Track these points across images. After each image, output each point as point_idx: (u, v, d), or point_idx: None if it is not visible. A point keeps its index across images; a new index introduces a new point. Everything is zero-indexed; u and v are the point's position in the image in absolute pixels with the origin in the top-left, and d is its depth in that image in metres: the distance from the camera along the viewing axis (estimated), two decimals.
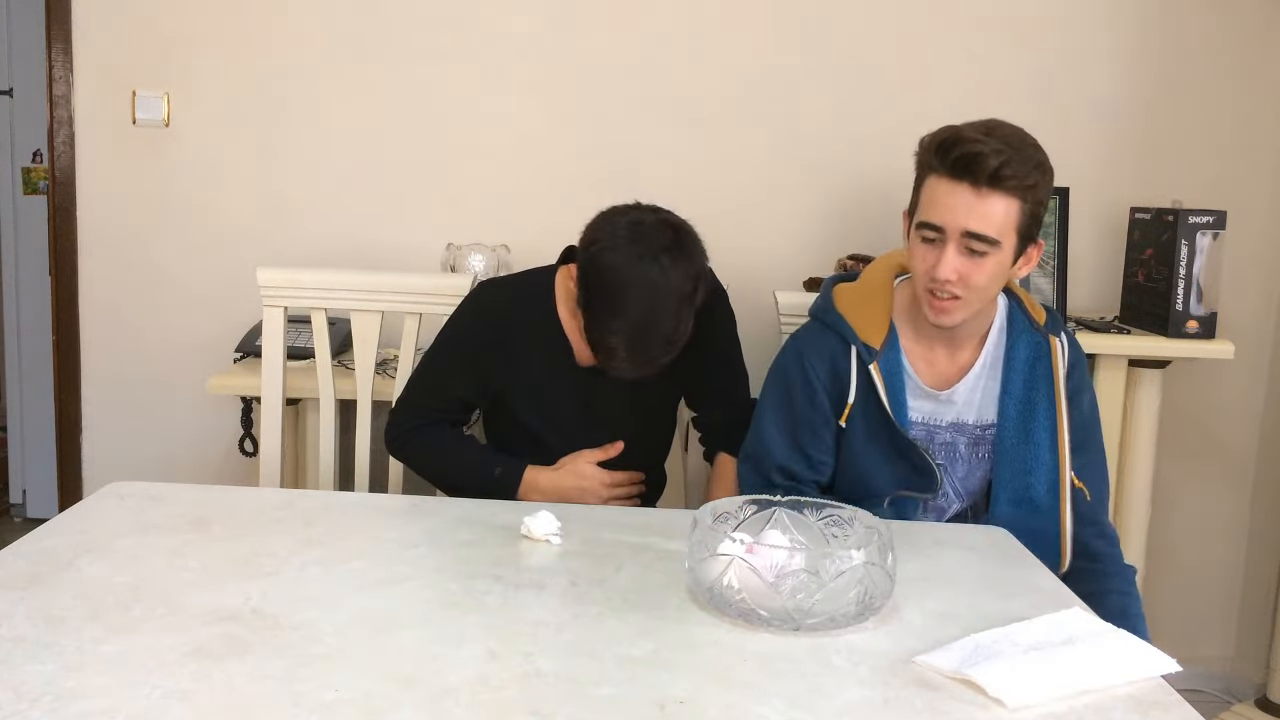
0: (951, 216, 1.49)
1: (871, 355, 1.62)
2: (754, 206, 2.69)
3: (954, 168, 1.48)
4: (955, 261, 1.50)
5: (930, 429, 1.65)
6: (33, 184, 3.83)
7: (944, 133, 1.52)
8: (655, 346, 1.63)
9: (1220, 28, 2.66)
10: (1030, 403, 1.64)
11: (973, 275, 1.51)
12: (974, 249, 1.50)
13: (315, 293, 1.99)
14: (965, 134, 1.49)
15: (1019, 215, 1.50)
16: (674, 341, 1.65)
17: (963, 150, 1.47)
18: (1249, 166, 2.71)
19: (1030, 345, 1.65)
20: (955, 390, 1.65)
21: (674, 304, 1.61)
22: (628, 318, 1.60)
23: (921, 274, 1.55)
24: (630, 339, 1.61)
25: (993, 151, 1.46)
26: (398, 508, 1.62)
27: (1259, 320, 2.76)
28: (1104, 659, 1.12)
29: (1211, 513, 2.83)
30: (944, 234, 1.50)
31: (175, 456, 2.74)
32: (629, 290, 1.60)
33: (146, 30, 2.66)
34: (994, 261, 1.51)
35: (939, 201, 1.51)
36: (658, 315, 1.61)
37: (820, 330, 1.69)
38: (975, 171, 1.47)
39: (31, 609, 1.16)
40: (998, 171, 1.46)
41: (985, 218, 1.48)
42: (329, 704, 0.99)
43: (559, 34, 2.65)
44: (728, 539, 1.21)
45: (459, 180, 2.70)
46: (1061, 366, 1.65)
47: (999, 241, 1.50)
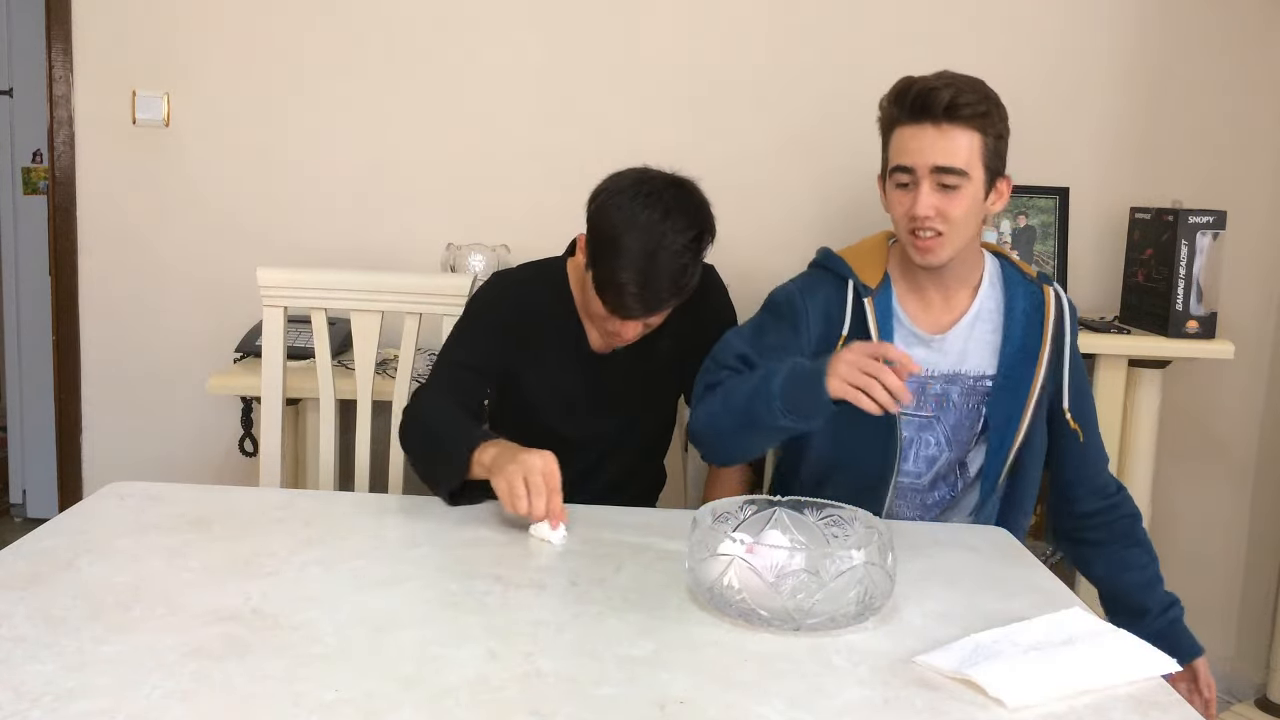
0: (920, 156, 1.58)
1: (868, 291, 1.67)
2: (754, 204, 2.69)
3: (912, 110, 1.58)
4: (930, 198, 1.58)
5: (922, 381, 1.67)
6: (33, 184, 3.83)
7: (898, 84, 1.63)
8: (662, 281, 1.64)
9: (1220, 28, 2.66)
10: (1026, 351, 1.68)
11: (949, 209, 1.58)
12: (945, 183, 1.57)
13: (315, 293, 1.99)
14: (916, 79, 1.60)
15: (981, 147, 1.59)
16: (681, 282, 1.66)
17: (915, 90, 1.58)
18: (1249, 166, 2.71)
19: (1026, 295, 1.71)
20: (948, 337, 1.68)
21: (679, 241, 1.64)
22: (633, 253, 1.63)
23: (901, 218, 1.62)
24: (638, 273, 1.63)
25: (943, 85, 1.57)
26: (398, 508, 1.62)
27: (1259, 320, 2.76)
28: (1104, 659, 1.12)
29: (1211, 513, 2.83)
30: (915, 174, 1.58)
31: (175, 456, 2.74)
32: (634, 228, 1.64)
33: (146, 30, 2.66)
34: (967, 194, 1.58)
35: (905, 146, 1.59)
36: (663, 250, 1.63)
37: (818, 273, 1.75)
38: (931, 108, 1.56)
39: (31, 609, 1.16)
40: (952, 102, 1.56)
41: (950, 151, 1.57)
42: (329, 704, 0.99)
43: (558, 34, 2.65)
44: (728, 539, 1.21)
45: (459, 180, 2.70)
46: (1054, 312, 1.69)
47: (967, 172, 1.58)
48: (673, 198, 1.67)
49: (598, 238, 1.68)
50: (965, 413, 1.69)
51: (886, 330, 1.66)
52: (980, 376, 1.69)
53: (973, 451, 1.72)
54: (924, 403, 1.68)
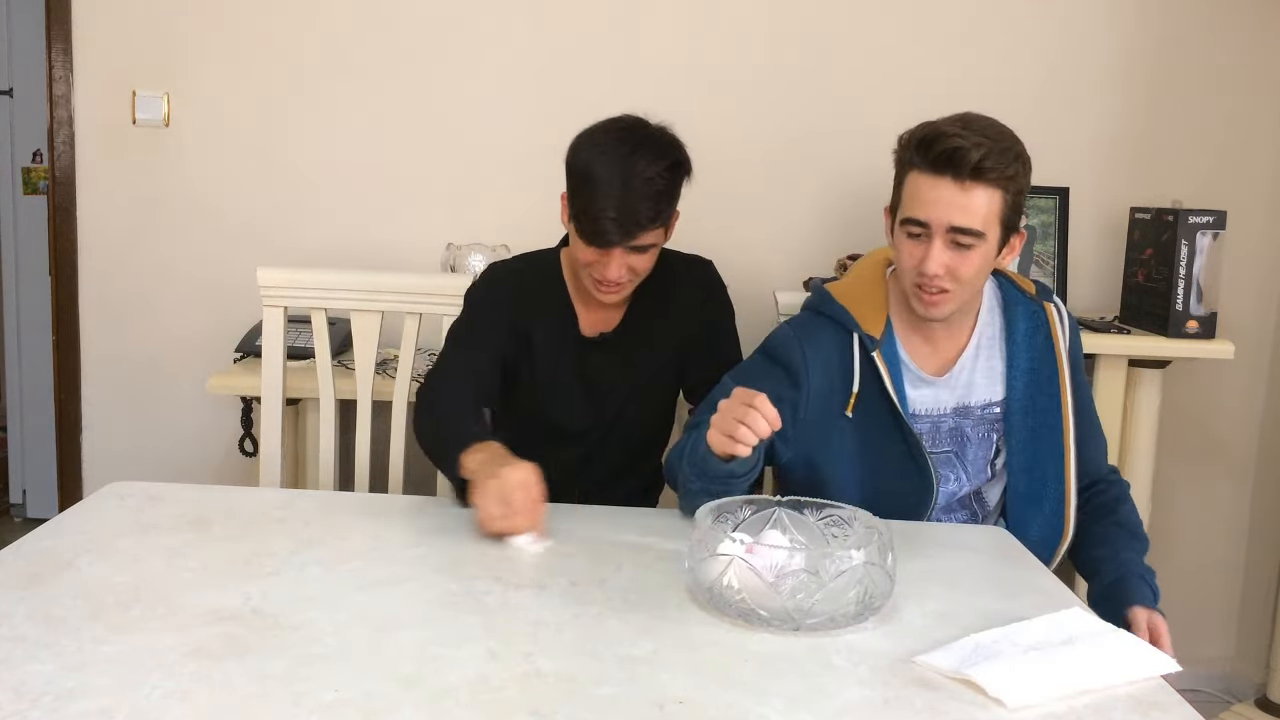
0: (936, 211, 1.51)
1: (874, 344, 1.63)
2: (754, 206, 2.69)
3: (936, 163, 1.51)
4: (942, 256, 1.53)
5: (935, 420, 1.66)
6: (33, 184, 3.83)
7: (923, 129, 1.54)
8: (637, 203, 1.65)
9: (1220, 28, 2.66)
10: (1036, 373, 1.66)
11: (960, 268, 1.54)
12: (960, 242, 1.52)
13: (315, 293, 1.99)
14: (944, 129, 1.52)
15: (1001, 206, 1.53)
16: (659, 206, 1.67)
17: (944, 146, 1.50)
18: (1248, 166, 2.71)
19: (1028, 316, 1.68)
20: (952, 374, 1.66)
21: (652, 169, 1.67)
22: (607, 178, 1.65)
23: (909, 269, 1.57)
24: (612, 197, 1.64)
25: (973, 145, 1.49)
26: (398, 508, 1.62)
27: (1259, 320, 2.76)
28: (1104, 659, 1.12)
29: (1211, 513, 2.83)
30: (929, 229, 1.53)
31: (175, 456, 2.74)
32: (606, 159, 1.67)
33: (146, 30, 2.66)
34: (980, 254, 1.54)
35: (923, 197, 1.53)
36: (636, 175, 1.65)
37: (817, 320, 1.69)
38: (958, 165, 1.49)
39: (31, 609, 1.16)
40: (980, 164, 1.49)
41: (969, 211, 1.51)
42: (329, 704, 0.99)
43: (558, 34, 2.65)
44: (728, 539, 1.21)
45: (459, 180, 2.70)
46: (1061, 333, 1.67)
47: (984, 233, 1.52)
48: (643, 134, 1.72)
49: (573, 178, 1.71)
50: (979, 443, 1.68)
51: (897, 379, 1.63)
52: (988, 404, 1.67)
53: (992, 482, 1.70)
54: (940, 440, 1.66)
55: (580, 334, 1.86)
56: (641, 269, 1.75)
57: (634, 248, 1.70)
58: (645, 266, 1.75)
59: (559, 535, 1.46)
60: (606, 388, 1.88)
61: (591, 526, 1.51)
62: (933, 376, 1.66)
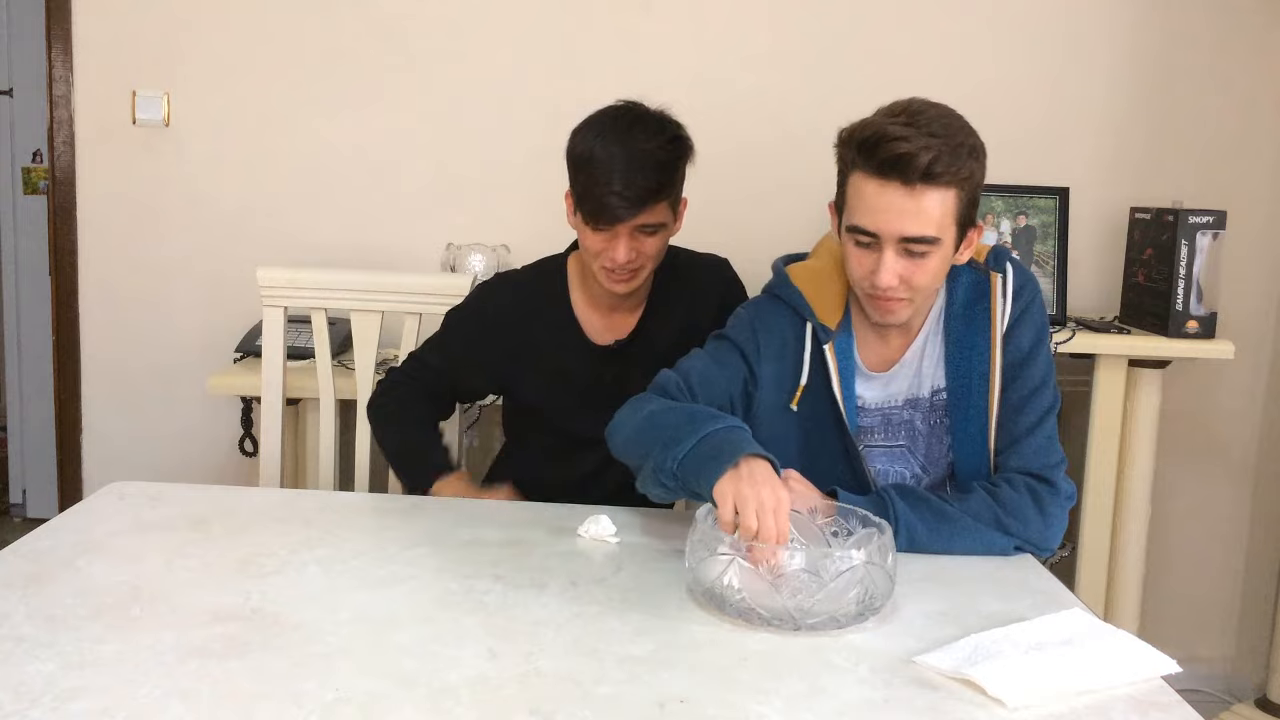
0: (885, 221, 1.38)
1: (828, 336, 1.53)
2: (757, 205, 2.69)
3: (881, 167, 1.37)
4: (895, 266, 1.40)
5: (886, 413, 1.57)
6: (33, 184, 3.83)
7: (865, 129, 1.41)
8: (640, 175, 1.63)
9: (1220, 28, 2.66)
10: (970, 348, 1.52)
11: (915, 276, 1.42)
12: (913, 250, 1.40)
13: (315, 293, 1.99)
14: (889, 130, 1.37)
15: (956, 204, 1.39)
16: (661, 178, 1.65)
17: (889, 151, 1.36)
18: (1249, 166, 2.71)
19: (968, 285, 1.54)
20: (903, 363, 1.56)
21: (651, 142, 1.66)
22: (608, 156, 1.64)
23: (859, 279, 1.45)
24: (615, 172, 1.63)
25: (921, 148, 1.35)
26: (398, 508, 1.62)
27: (1259, 320, 2.76)
28: (1104, 659, 1.12)
29: (1211, 513, 2.83)
30: (879, 239, 1.40)
31: (175, 456, 2.74)
32: (605, 133, 1.66)
33: (146, 30, 2.66)
34: (937, 258, 1.42)
35: (869, 204, 1.39)
36: (637, 150, 1.64)
37: (772, 304, 1.59)
38: (905, 171, 1.35)
39: (31, 609, 1.16)
40: (929, 168, 1.35)
41: (921, 217, 1.37)
42: (329, 704, 0.99)
43: (557, 34, 2.65)
44: (728, 539, 1.21)
45: (459, 180, 2.70)
46: (1000, 303, 1.51)
47: (939, 239, 1.39)
48: (640, 112, 1.72)
49: (574, 165, 1.69)
50: (930, 434, 1.56)
51: (846, 374, 1.53)
52: (937, 391, 1.56)
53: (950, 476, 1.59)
54: (892, 433, 1.57)
55: (592, 343, 1.82)
56: (651, 252, 1.70)
57: (642, 228, 1.66)
58: (655, 250, 1.70)
59: (558, 535, 1.47)
60: (618, 396, 1.77)
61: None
62: (883, 371, 1.56)
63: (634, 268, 1.70)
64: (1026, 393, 1.52)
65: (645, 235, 1.68)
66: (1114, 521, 2.48)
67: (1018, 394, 1.51)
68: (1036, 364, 1.53)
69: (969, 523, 1.44)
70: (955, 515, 1.45)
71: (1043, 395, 1.52)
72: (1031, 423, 1.51)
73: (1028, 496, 1.46)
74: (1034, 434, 1.51)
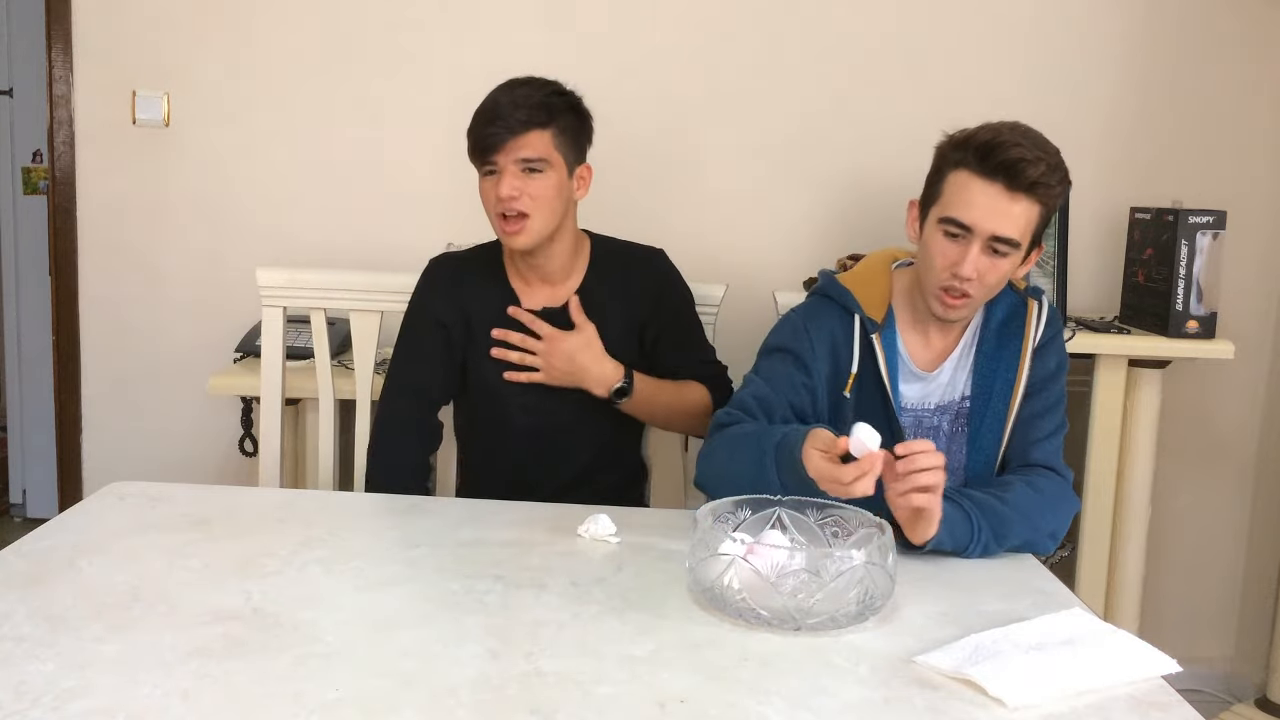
0: (983, 217, 1.51)
1: (875, 327, 1.64)
2: (754, 207, 2.69)
3: (994, 169, 1.50)
4: (978, 261, 1.53)
5: (918, 414, 1.67)
6: (33, 184, 3.83)
7: (983, 134, 1.54)
8: (518, 106, 1.74)
9: (1220, 27, 2.66)
10: (997, 359, 1.65)
11: (989, 275, 1.55)
12: (996, 249, 1.53)
13: (315, 293, 1.99)
14: (1004, 138, 1.51)
15: (1037, 220, 1.55)
16: (537, 112, 1.75)
17: (1006, 155, 1.50)
18: (1249, 166, 2.71)
19: (1007, 306, 1.67)
20: (941, 370, 1.66)
21: (536, 84, 1.79)
22: (493, 95, 1.79)
23: (940, 269, 1.56)
24: (495, 100, 1.77)
25: (1034, 159, 1.50)
26: (398, 508, 1.62)
27: (1259, 320, 2.76)
28: (1104, 659, 1.12)
29: (1211, 513, 2.83)
30: (971, 233, 1.53)
31: (175, 456, 2.74)
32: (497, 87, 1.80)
33: (146, 30, 2.66)
34: (1010, 262, 1.55)
35: (973, 201, 1.52)
36: (515, 87, 1.78)
37: (822, 302, 1.71)
38: (1015, 176, 1.50)
39: (31, 609, 1.16)
40: (1036, 179, 1.50)
41: (1013, 221, 1.52)
42: (329, 704, 0.99)
43: (556, 34, 2.65)
44: (728, 539, 1.21)
45: (459, 180, 2.68)
46: (1035, 326, 1.64)
47: (1020, 244, 1.54)
48: (533, 77, 1.81)
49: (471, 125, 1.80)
50: (952, 438, 1.67)
51: (893, 367, 1.64)
52: (963, 398, 1.67)
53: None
54: (920, 435, 1.65)
55: (524, 308, 1.86)
56: (537, 195, 1.75)
57: (524, 165, 1.74)
58: (541, 194, 1.76)
59: (558, 535, 1.47)
60: None
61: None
62: (923, 371, 1.66)
63: (520, 210, 1.75)
64: (1048, 405, 1.65)
65: (528, 174, 1.75)
66: (1114, 521, 2.48)
67: (1042, 403, 1.64)
68: (1058, 384, 1.67)
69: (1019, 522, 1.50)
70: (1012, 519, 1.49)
71: (1059, 411, 1.67)
72: (1050, 429, 1.64)
73: (1058, 488, 1.59)
74: (1052, 438, 1.65)
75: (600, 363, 1.82)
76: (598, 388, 1.82)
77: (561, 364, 1.81)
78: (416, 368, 1.88)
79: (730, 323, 2.09)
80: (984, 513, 1.47)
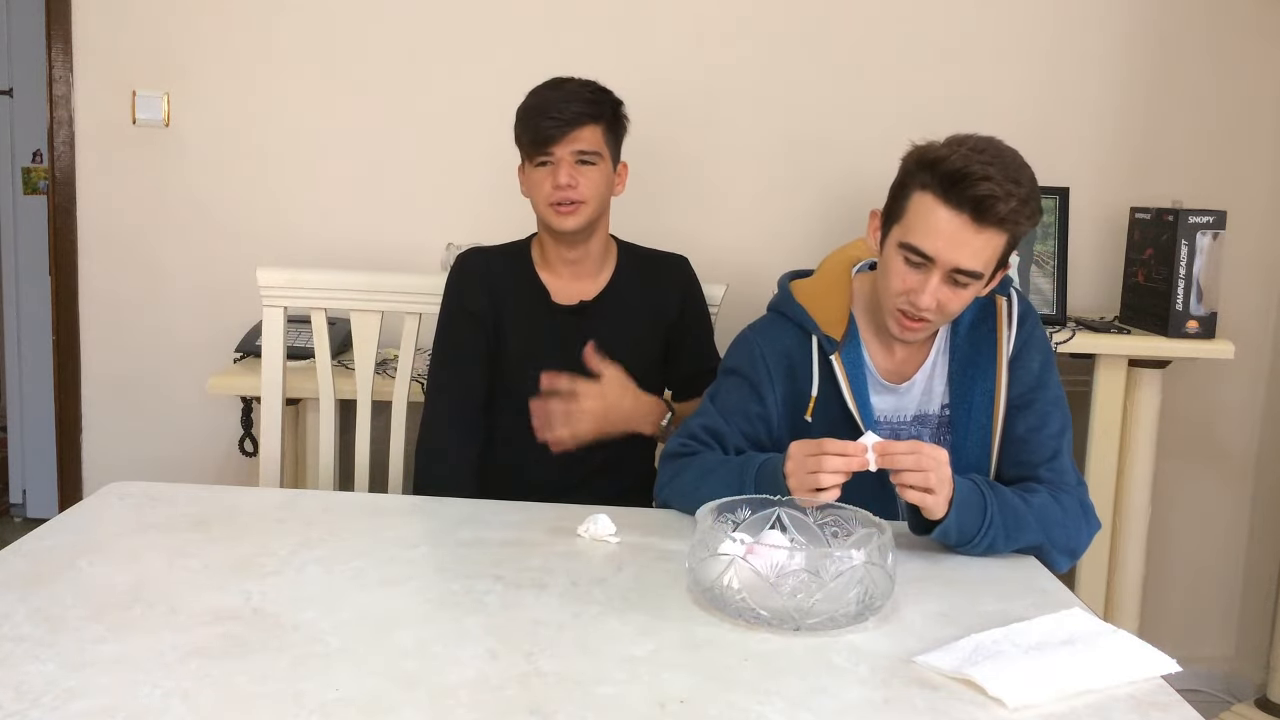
0: (946, 248, 1.44)
1: (834, 346, 1.58)
2: (754, 207, 2.69)
3: (960, 201, 1.42)
4: (939, 293, 1.47)
5: (895, 427, 1.62)
6: (33, 184, 3.83)
7: (950, 159, 1.43)
8: (571, 99, 1.82)
9: (1219, 27, 2.66)
10: (974, 366, 1.59)
11: (950, 304, 1.49)
12: (958, 281, 1.47)
13: (315, 293, 1.99)
14: (975, 169, 1.41)
15: (1003, 248, 1.48)
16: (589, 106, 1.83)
17: (976, 191, 1.41)
18: (1249, 166, 2.71)
19: (974, 309, 1.60)
20: (913, 381, 1.61)
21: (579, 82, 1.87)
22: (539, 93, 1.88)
23: (896, 294, 1.50)
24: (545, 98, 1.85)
25: (1005, 195, 1.41)
26: (398, 508, 1.62)
27: (1259, 320, 2.76)
28: (1104, 659, 1.12)
29: (1211, 513, 2.83)
30: (933, 263, 1.46)
31: (175, 456, 2.74)
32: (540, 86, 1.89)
33: (146, 30, 2.66)
34: (971, 291, 1.50)
35: (936, 230, 1.44)
36: (565, 83, 1.87)
37: (778, 321, 1.65)
38: (983, 212, 1.42)
39: (32, 609, 1.16)
40: (1006, 216, 1.42)
41: (977, 254, 1.44)
42: (329, 704, 0.99)
43: (556, 34, 2.65)
44: (728, 539, 1.21)
45: (459, 180, 2.70)
46: (1006, 325, 1.58)
47: (982, 275, 1.48)
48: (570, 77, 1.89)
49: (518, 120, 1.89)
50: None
51: (859, 383, 1.58)
52: (942, 407, 1.62)
53: None
54: None
55: (555, 303, 1.90)
56: (590, 185, 1.83)
57: (579, 156, 1.82)
58: (593, 185, 1.83)
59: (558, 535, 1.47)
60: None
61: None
62: (895, 384, 1.61)
63: (576, 199, 1.82)
64: (1045, 414, 1.58)
65: (582, 165, 1.82)
66: (1114, 521, 2.48)
67: (1037, 417, 1.58)
68: (1049, 387, 1.60)
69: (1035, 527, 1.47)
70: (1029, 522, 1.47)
71: (1060, 414, 1.59)
72: (1057, 441, 1.57)
73: (1079, 508, 1.54)
74: (1061, 452, 1.57)
75: (639, 398, 1.84)
76: (647, 426, 1.85)
77: (615, 414, 1.82)
78: (461, 364, 1.89)
79: (730, 322, 2.08)
80: (1001, 506, 1.44)
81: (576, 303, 1.89)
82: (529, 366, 1.85)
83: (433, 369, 1.91)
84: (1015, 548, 1.46)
